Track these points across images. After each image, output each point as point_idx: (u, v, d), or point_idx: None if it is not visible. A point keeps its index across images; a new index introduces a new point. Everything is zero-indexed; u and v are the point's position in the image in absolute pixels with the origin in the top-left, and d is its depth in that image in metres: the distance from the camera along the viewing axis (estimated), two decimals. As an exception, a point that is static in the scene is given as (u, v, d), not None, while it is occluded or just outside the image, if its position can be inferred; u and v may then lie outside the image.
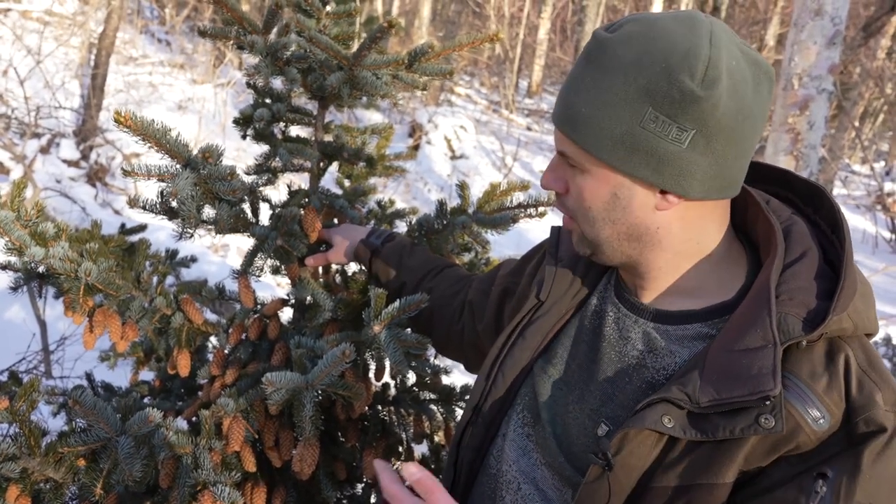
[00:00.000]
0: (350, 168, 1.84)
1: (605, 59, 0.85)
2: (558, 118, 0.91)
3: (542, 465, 1.01)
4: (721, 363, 0.83)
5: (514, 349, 1.10)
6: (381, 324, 1.34)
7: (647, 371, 0.94)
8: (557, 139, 0.94)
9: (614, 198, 0.91)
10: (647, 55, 0.82)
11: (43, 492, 1.32)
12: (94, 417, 1.25)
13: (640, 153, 0.85)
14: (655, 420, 0.83)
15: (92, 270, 1.37)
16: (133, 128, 1.20)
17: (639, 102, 0.83)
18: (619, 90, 0.84)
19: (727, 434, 0.80)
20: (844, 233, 0.89)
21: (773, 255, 0.90)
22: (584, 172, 0.92)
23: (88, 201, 6.36)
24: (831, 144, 10.41)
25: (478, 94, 15.70)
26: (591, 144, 0.87)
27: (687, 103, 0.81)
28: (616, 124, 0.85)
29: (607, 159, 0.87)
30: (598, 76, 0.85)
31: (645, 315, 0.98)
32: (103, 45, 7.20)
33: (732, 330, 0.86)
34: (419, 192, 8.86)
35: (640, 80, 0.82)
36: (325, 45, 1.42)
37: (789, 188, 1.01)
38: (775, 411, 0.78)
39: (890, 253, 9.51)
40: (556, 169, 0.97)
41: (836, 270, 0.88)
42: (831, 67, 4.21)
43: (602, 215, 0.93)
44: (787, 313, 0.83)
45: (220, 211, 1.38)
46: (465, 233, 1.71)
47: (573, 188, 0.94)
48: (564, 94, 0.91)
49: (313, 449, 1.35)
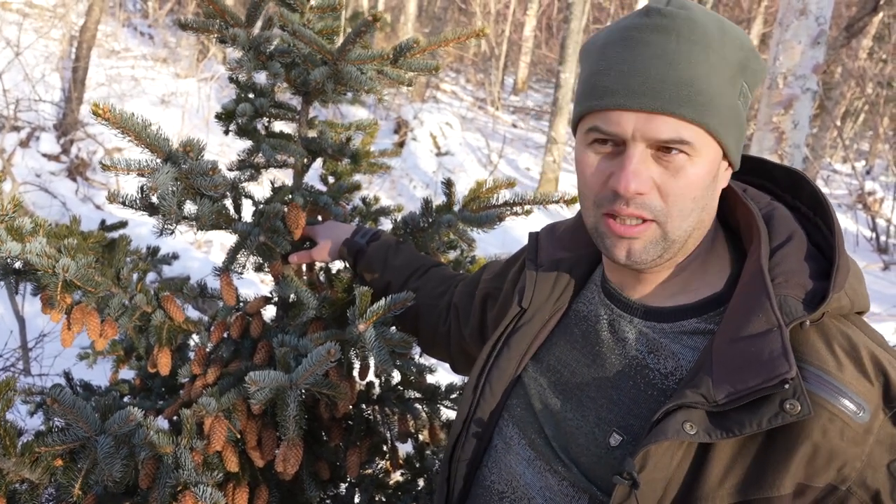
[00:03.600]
0: (334, 164, 1.82)
1: (697, 34, 0.82)
2: (672, 102, 0.81)
3: (547, 472, 0.98)
4: (729, 355, 0.81)
5: (500, 359, 1.08)
6: (366, 322, 1.33)
7: (653, 374, 0.91)
8: (663, 128, 0.82)
9: (713, 180, 0.88)
10: (730, 30, 0.85)
11: (18, 493, 1.29)
12: (72, 416, 1.22)
13: (736, 126, 0.87)
14: (677, 429, 0.80)
15: (70, 267, 1.35)
16: (111, 121, 1.17)
17: (738, 76, 0.86)
18: (725, 65, 0.84)
19: (754, 428, 0.78)
20: (830, 212, 0.89)
21: (757, 241, 0.89)
22: (695, 158, 0.84)
23: (69, 196, 6.27)
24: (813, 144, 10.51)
25: (464, 91, 15.68)
26: (716, 124, 0.83)
27: (760, 76, 0.89)
28: (728, 99, 0.85)
29: (725, 137, 0.85)
30: (699, 51, 0.82)
31: (639, 314, 0.96)
32: (84, 38, 7.10)
33: (733, 319, 0.84)
34: (405, 188, 8.83)
35: (738, 53, 0.85)
36: (308, 39, 1.40)
37: (767, 176, 1.01)
38: (798, 394, 0.76)
39: (871, 251, 9.62)
40: (643, 169, 0.84)
41: (822, 252, 0.88)
42: (816, 67, 4.24)
43: (700, 203, 0.87)
44: (785, 295, 0.82)
45: (202, 207, 1.35)
46: (451, 231, 1.70)
47: (677, 182, 0.84)
48: (662, 77, 0.81)
49: (297, 449, 1.33)
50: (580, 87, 0.91)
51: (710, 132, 0.83)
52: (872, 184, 11.20)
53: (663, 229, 0.87)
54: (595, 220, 0.91)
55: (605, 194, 0.88)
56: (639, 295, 0.97)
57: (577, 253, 1.09)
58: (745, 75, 0.87)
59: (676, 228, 0.87)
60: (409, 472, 1.81)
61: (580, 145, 0.91)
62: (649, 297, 0.96)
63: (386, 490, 1.73)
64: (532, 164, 11.22)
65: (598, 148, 0.88)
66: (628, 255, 0.89)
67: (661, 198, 0.85)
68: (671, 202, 0.85)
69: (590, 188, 0.90)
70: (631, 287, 0.98)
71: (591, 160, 0.89)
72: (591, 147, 0.89)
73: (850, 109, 16.02)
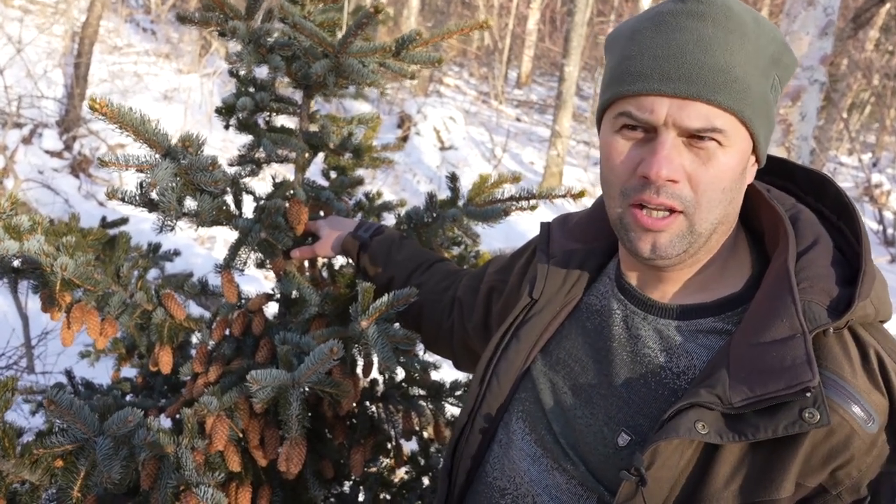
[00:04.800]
0: (336, 159, 1.79)
1: (734, 22, 0.80)
2: (708, 89, 0.79)
3: (555, 470, 0.96)
4: (748, 358, 0.79)
5: (508, 351, 1.05)
6: (368, 319, 1.31)
7: (665, 373, 0.89)
8: (696, 115, 0.79)
9: (742, 172, 0.86)
10: (764, 22, 0.84)
11: (19, 494, 1.28)
12: (70, 417, 1.20)
13: (766, 118, 0.85)
14: (689, 428, 0.78)
15: (68, 265, 1.33)
16: (109, 115, 1.15)
17: (771, 68, 0.84)
18: (760, 55, 0.82)
19: (769, 434, 0.76)
20: (856, 217, 0.87)
21: (784, 243, 0.87)
22: (727, 147, 0.81)
23: (72, 193, 6.26)
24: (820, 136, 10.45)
25: (467, 85, 15.63)
26: (750, 113, 0.81)
27: (791, 71, 0.87)
28: (761, 90, 0.83)
29: (756, 128, 0.83)
30: (736, 39, 0.80)
31: (654, 311, 0.93)
32: (86, 34, 7.08)
33: (754, 321, 0.82)
34: (408, 183, 8.81)
35: (771, 46, 0.83)
36: (309, 31, 1.38)
37: (788, 178, 0.98)
38: (818, 404, 0.74)
39: (878, 244, 9.56)
40: (675, 155, 0.81)
41: (846, 258, 0.86)
42: (823, 58, 4.20)
43: (728, 195, 0.84)
44: (810, 301, 0.80)
45: (202, 203, 1.33)
46: (456, 226, 1.67)
47: (708, 170, 0.82)
48: (699, 63, 0.79)
49: (300, 448, 1.31)
50: (608, 73, 0.87)
51: (744, 121, 0.81)
52: (879, 176, 11.14)
53: (690, 221, 0.84)
54: (621, 210, 0.87)
55: (634, 183, 0.84)
56: (655, 292, 0.94)
57: (589, 245, 1.06)
58: (778, 68, 0.85)
59: (703, 220, 0.84)
60: (413, 469, 1.79)
61: (607, 131, 0.87)
62: (666, 294, 0.94)
63: (390, 488, 1.71)
64: (536, 159, 11.18)
65: (628, 134, 0.85)
66: (654, 248, 0.85)
67: (691, 187, 0.82)
68: (701, 191, 0.82)
69: (617, 175, 0.86)
70: (648, 285, 0.95)
71: (621, 147, 0.85)
72: (619, 133, 0.85)
73: (857, 101, 15.92)
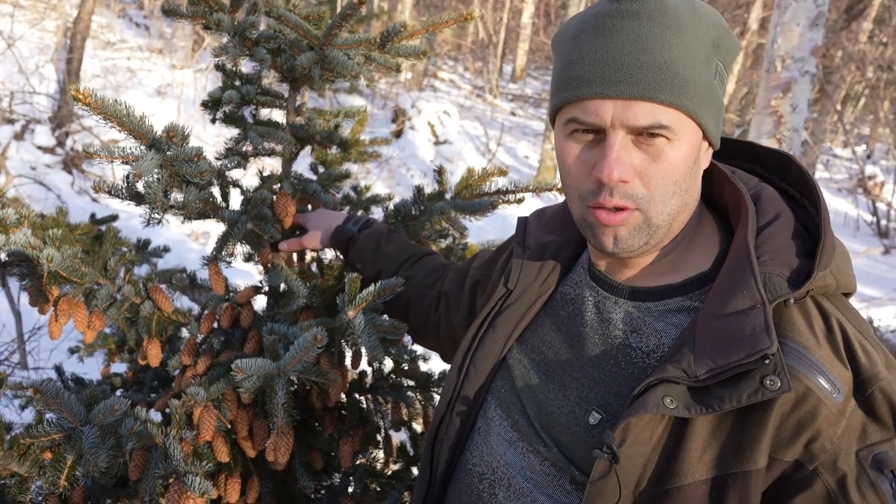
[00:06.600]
0: (323, 153, 1.79)
1: (669, 16, 0.82)
2: (649, 88, 0.80)
3: (529, 452, 0.98)
4: (711, 331, 0.81)
5: (485, 340, 1.07)
6: (355, 308, 1.32)
7: (635, 352, 0.91)
8: (641, 114, 0.81)
9: (695, 162, 0.87)
10: (701, 9, 0.84)
11: (7, 486, 1.28)
12: (56, 407, 1.21)
13: (714, 106, 0.86)
14: (657, 403, 0.80)
15: (54, 257, 1.33)
16: (93, 106, 1.15)
17: (712, 55, 0.85)
18: (699, 45, 0.83)
19: (734, 403, 0.77)
20: (817, 191, 0.89)
21: (745, 219, 0.89)
22: (675, 142, 0.83)
23: (64, 188, 6.24)
24: (814, 128, 10.46)
25: (461, 79, 15.60)
26: (694, 105, 0.83)
27: (734, 54, 0.89)
28: (704, 79, 0.84)
29: (703, 118, 0.85)
30: (673, 34, 0.81)
31: (625, 295, 0.95)
32: (79, 29, 7.05)
33: (717, 296, 0.84)
34: (402, 177, 8.80)
35: (710, 33, 0.84)
36: (294, 23, 1.38)
37: (755, 159, 1.01)
38: (778, 370, 0.76)
39: (871, 236, 9.59)
40: (624, 156, 0.83)
41: (809, 233, 0.88)
42: (814, 49, 4.20)
43: (682, 186, 0.86)
44: (770, 273, 0.82)
45: (188, 194, 1.33)
46: (444, 219, 1.68)
47: (658, 166, 0.84)
48: (638, 63, 0.80)
49: (287, 438, 1.32)
50: (555, 77, 0.90)
51: (689, 114, 0.83)
52: (873, 168, 11.18)
53: (646, 215, 0.87)
54: (582, 211, 0.91)
55: (590, 186, 0.87)
56: (624, 276, 0.97)
57: (564, 236, 1.09)
58: (720, 54, 0.86)
59: (659, 213, 0.87)
60: (403, 460, 1.80)
61: (560, 136, 0.90)
62: (636, 278, 0.96)
63: (380, 479, 1.72)
64: (531, 152, 11.18)
65: (579, 137, 0.87)
66: (615, 242, 0.89)
67: (643, 184, 0.85)
68: (653, 187, 0.85)
69: (574, 179, 0.89)
70: (617, 271, 0.98)
71: (573, 150, 0.88)
72: (571, 137, 0.88)
73: (851, 93, 15.94)
